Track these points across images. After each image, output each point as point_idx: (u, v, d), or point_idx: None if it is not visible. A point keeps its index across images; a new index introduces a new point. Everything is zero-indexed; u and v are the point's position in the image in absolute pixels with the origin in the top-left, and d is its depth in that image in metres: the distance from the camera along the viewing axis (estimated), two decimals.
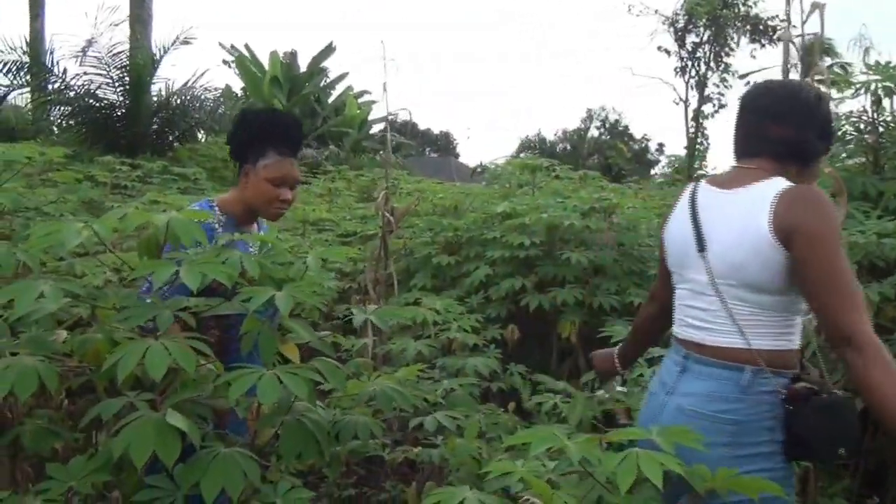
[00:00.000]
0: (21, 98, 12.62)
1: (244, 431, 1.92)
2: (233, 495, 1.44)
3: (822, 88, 3.31)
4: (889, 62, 4.00)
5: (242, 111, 2.42)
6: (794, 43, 2.83)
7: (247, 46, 19.66)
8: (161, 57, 11.89)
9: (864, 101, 4.07)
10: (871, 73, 4.02)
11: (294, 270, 1.80)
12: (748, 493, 1.40)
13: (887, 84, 3.87)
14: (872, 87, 3.91)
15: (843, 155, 4.15)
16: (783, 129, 1.75)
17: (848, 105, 5.28)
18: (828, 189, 3.27)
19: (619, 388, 2.63)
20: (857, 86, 4.06)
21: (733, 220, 1.69)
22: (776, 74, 3.43)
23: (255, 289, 1.60)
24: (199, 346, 1.51)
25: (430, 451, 2.32)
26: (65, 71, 11.46)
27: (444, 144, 45.82)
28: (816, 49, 3.38)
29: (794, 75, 3.80)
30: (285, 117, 2.32)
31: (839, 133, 4.18)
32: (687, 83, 22.56)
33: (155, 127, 11.82)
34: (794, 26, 3.44)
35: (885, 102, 4.03)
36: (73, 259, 2.85)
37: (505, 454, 2.22)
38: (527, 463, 1.40)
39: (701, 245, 1.73)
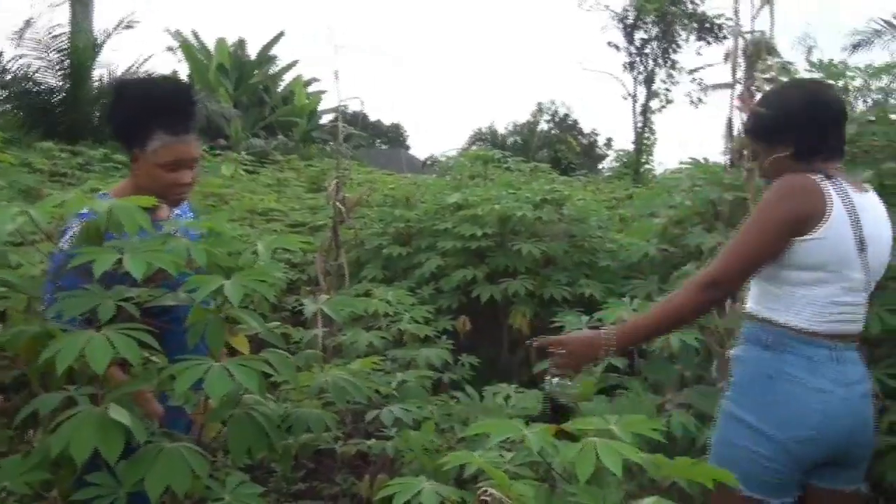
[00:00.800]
0: None
1: (181, 426, 1.85)
2: (179, 492, 1.38)
3: (767, 86, 3.36)
4: (831, 60, 4.10)
5: (119, 83, 2.06)
6: (744, 38, 2.87)
7: (194, 33, 19.26)
8: (103, 41, 11.59)
9: None
10: (813, 70, 4.11)
11: (243, 260, 1.74)
12: (705, 482, 1.41)
13: (829, 81, 3.96)
14: None
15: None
16: (843, 133, 1.96)
17: None
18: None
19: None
20: None
21: (884, 222, 1.91)
22: (726, 71, 3.49)
23: (202, 277, 1.54)
24: (144, 337, 1.45)
25: (383, 444, 2.29)
26: (0, 53, 11.05)
27: (394, 136, 45.66)
28: (763, 45, 3.44)
29: (739, 72, 3.86)
30: (172, 86, 2.02)
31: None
32: (635, 79, 22.94)
33: (96, 113, 11.47)
34: (741, 25, 3.49)
35: None
36: (6, 248, 2.73)
37: (458, 444, 2.22)
38: (484, 453, 1.38)
39: (862, 245, 1.83)
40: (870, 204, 1.90)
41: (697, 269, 3.28)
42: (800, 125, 1.90)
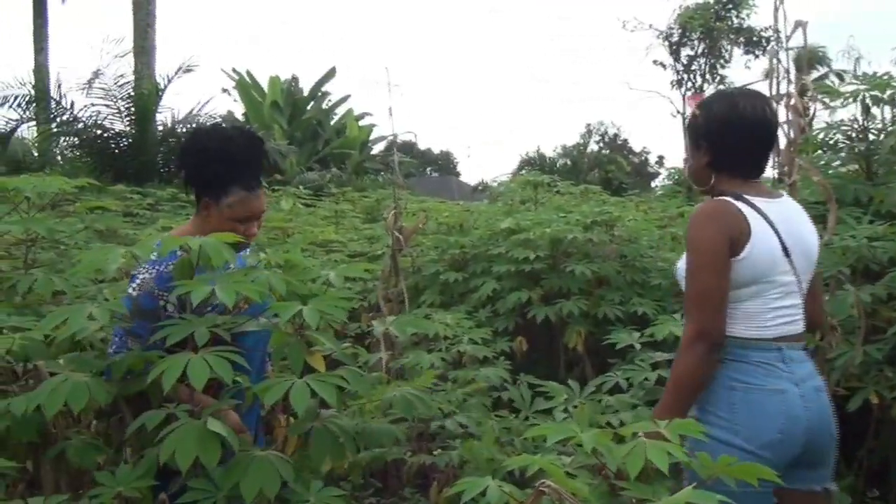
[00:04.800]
0: (28, 131, 12.84)
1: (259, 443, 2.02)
2: (270, 495, 1.56)
3: (807, 100, 3.43)
4: (876, 72, 4.14)
5: (195, 133, 2.15)
6: (779, 60, 2.97)
7: (248, 72, 19.94)
8: (165, 86, 12.17)
9: (854, 111, 4.20)
10: (859, 83, 4.16)
11: (316, 287, 1.93)
12: (750, 480, 1.51)
13: (875, 93, 4.00)
14: (861, 96, 4.05)
15: (837, 163, 4.27)
16: (766, 154, 2.06)
17: (839, 114, 5.41)
18: (819, 197, 3.40)
19: None
20: (847, 95, 4.20)
21: (802, 223, 2.01)
22: (769, 85, 3.58)
23: (282, 304, 1.72)
24: (236, 358, 1.63)
25: (448, 454, 2.43)
26: (72, 104, 11.70)
27: (444, 164, 46.15)
28: (804, 63, 3.53)
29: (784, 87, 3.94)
30: (247, 141, 2.08)
31: (832, 142, 4.32)
32: (683, 96, 22.83)
33: (161, 155, 12.02)
34: (784, 38, 3.59)
35: (875, 111, 4.15)
36: (98, 286, 2.98)
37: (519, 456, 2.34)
38: (544, 456, 1.51)
39: (786, 251, 1.92)
40: (784, 209, 1.98)
41: None
42: (718, 138, 1.98)
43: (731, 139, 1.98)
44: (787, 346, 1.93)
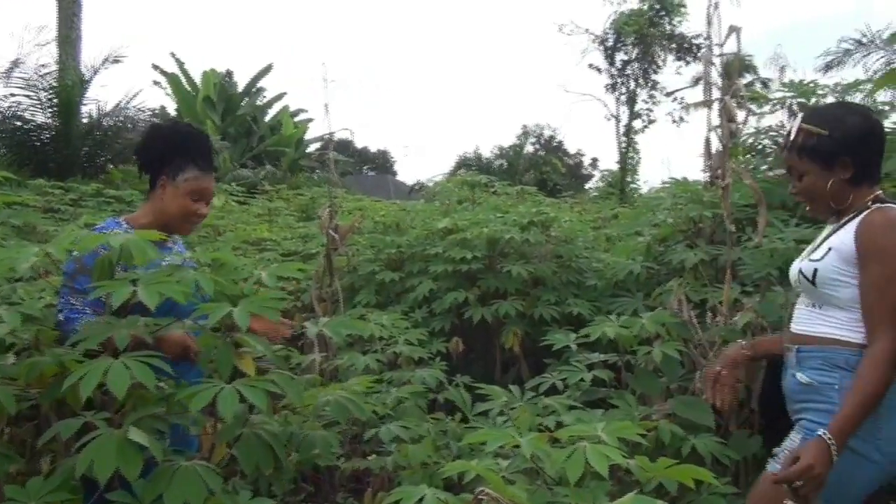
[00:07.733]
0: None
1: (194, 447, 1.95)
2: None
3: (737, 106, 3.51)
4: (802, 80, 4.27)
5: (154, 125, 2.47)
6: (713, 64, 3.02)
7: (180, 64, 19.41)
8: (91, 77, 11.71)
9: (781, 117, 4.32)
10: (786, 90, 4.29)
11: (247, 288, 1.85)
12: (685, 481, 1.51)
13: (801, 100, 4.13)
14: (787, 103, 4.17)
15: (764, 167, 4.39)
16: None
17: (767, 120, 5.57)
18: (748, 200, 3.48)
19: None
20: (774, 102, 4.32)
21: None
22: (699, 92, 3.64)
23: (211, 305, 1.64)
24: (159, 363, 1.55)
25: (383, 459, 2.37)
26: None
27: (381, 162, 45.92)
28: (735, 69, 3.60)
29: (716, 92, 4.02)
30: (200, 132, 2.40)
31: (760, 147, 4.43)
32: (617, 100, 23.28)
33: (86, 149, 11.56)
34: (716, 45, 3.65)
35: None
36: (12, 285, 2.82)
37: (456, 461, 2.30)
38: (481, 462, 1.48)
39: None
40: None
41: (679, 285, 3.40)
42: (862, 150, 1.95)
43: (875, 148, 1.99)
44: None
